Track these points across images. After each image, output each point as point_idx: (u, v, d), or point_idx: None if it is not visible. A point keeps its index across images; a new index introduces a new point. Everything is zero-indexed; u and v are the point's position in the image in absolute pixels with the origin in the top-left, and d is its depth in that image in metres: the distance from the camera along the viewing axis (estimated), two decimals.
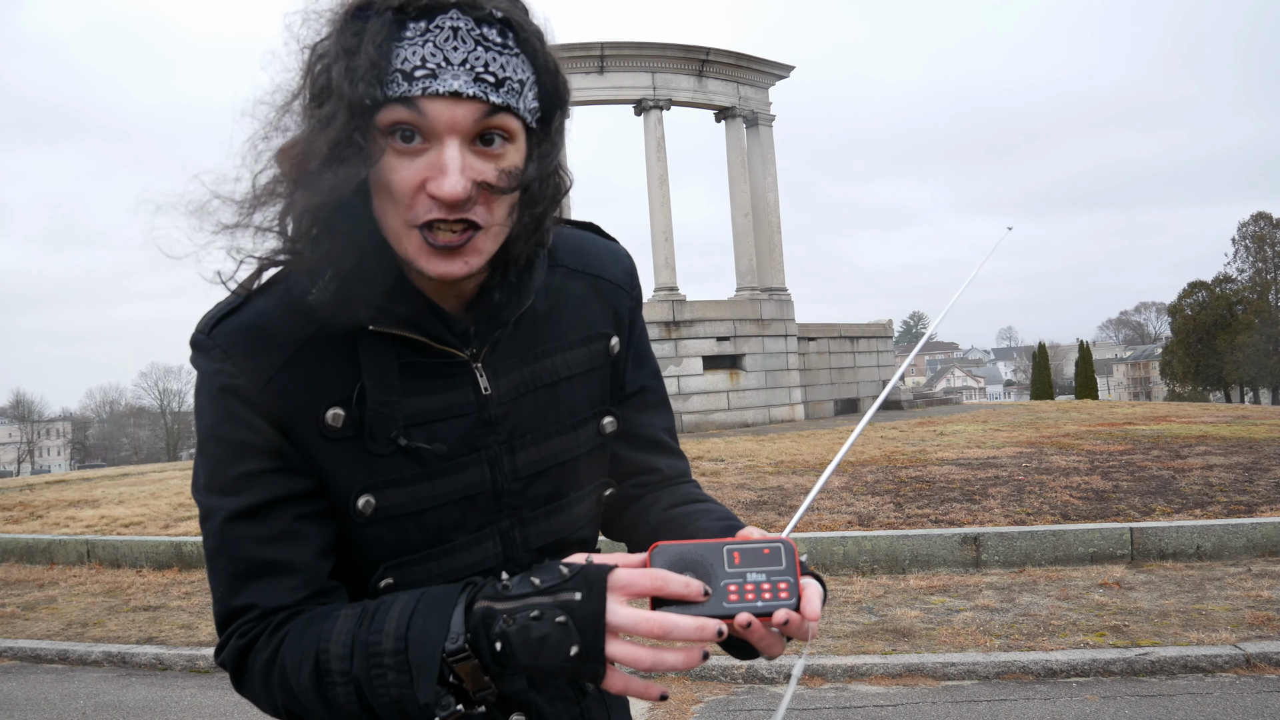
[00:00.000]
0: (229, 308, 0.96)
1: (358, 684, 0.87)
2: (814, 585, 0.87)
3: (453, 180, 0.85)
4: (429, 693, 0.84)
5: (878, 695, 4.44)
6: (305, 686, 0.89)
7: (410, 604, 0.88)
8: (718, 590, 0.83)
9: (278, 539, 0.94)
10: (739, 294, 18.51)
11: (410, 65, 0.85)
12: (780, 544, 0.86)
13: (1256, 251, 59.87)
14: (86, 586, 7.53)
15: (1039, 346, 48.07)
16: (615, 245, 1.18)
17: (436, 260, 0.89)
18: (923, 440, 11.77)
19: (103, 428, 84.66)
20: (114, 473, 16.68)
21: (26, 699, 5.05)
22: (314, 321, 0.94)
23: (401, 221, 0.88)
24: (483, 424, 1.01)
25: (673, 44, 17.60)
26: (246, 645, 0.94)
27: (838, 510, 7.58)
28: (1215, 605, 5.24)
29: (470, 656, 0.84)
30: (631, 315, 1.15)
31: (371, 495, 0.96)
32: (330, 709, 0.89)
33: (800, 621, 0.84)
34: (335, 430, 0.95)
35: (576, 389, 1.08)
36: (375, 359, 0.96)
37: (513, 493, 1.03)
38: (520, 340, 1.04)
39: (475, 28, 0.87)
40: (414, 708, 0.85)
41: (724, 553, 0.85)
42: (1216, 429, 11.63)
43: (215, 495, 0.95)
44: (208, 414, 0.95)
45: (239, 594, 0.94)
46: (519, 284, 1.00)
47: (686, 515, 1.10)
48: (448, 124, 0.86)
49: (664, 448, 1.19)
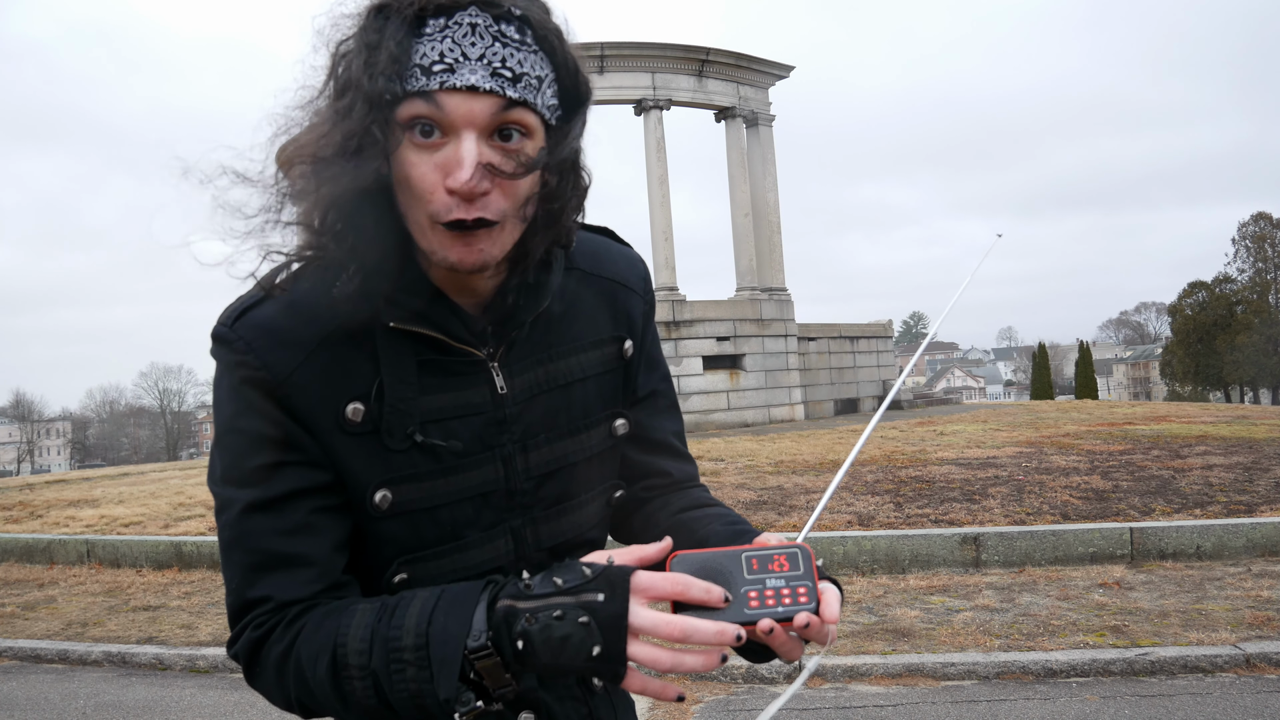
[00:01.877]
0: (252, 301, 0.97)
1: (376, 678, 0.87)
2: (832, 589, 0.89)
3: (468, 172, 0.86)
4: (450, 688, 0.84)
5: (878, 695, 4.44)
6: (321, 679, 0.90)
7: (431, 601, 0.89)
8: (738, 597, 0.85)
9: (294, 531, 0.94)
10: (739, 294, 18.51)
11: (429, 60, 0.86)
12: (797, 549, 0.88)
13: (1256, 251, 59.89)
14: (86, 586, 7.53)
15: (1039, 346, 48.08)
16: (630, 251, 1.19)
17: (456, 247, 0.90)
18: (923, 440, 11.77)
19: (103, 427, 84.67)
20: (114, 472, 16.68)
21: (26, 699, 5.05)
22: (335, 317, 0.94)
23: (424, 216, 0.90)
24: (497, 423, 1.02)
25: (673, 44, 17.61)
26: (261, 638, 0.94)
27: (838, 510, 7.59)
28: (1215, 605, 5.24)
29: (492, 654, 0.84)
30: (645, 320, 1.16)
31: (389, 490, 0.97)
32: (346, 703, 0.90)
33: (820, 625, 0.85)
34: (355, 425, 0.96)
35: (589, 391, 1.09)
36: (394, 355, 0.97)
37: (525, 491, 1.04)
38: (536, 341, 1.05)
39: (493, 24, 0.88)
40: (433, 703, 0.85)
41: (743, 560, 0.87)
42: (1216, 429, 11.64)
43: (233, 487, 0.95)
44: (228, 405, 0.96)
45: (255, 586, 0.94)
46: (536, 285, 1.01)
47: (697, 520, 1.11)
48: (465, 118, 0.87)
49: (674, 451, 1.20)
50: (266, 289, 0.96)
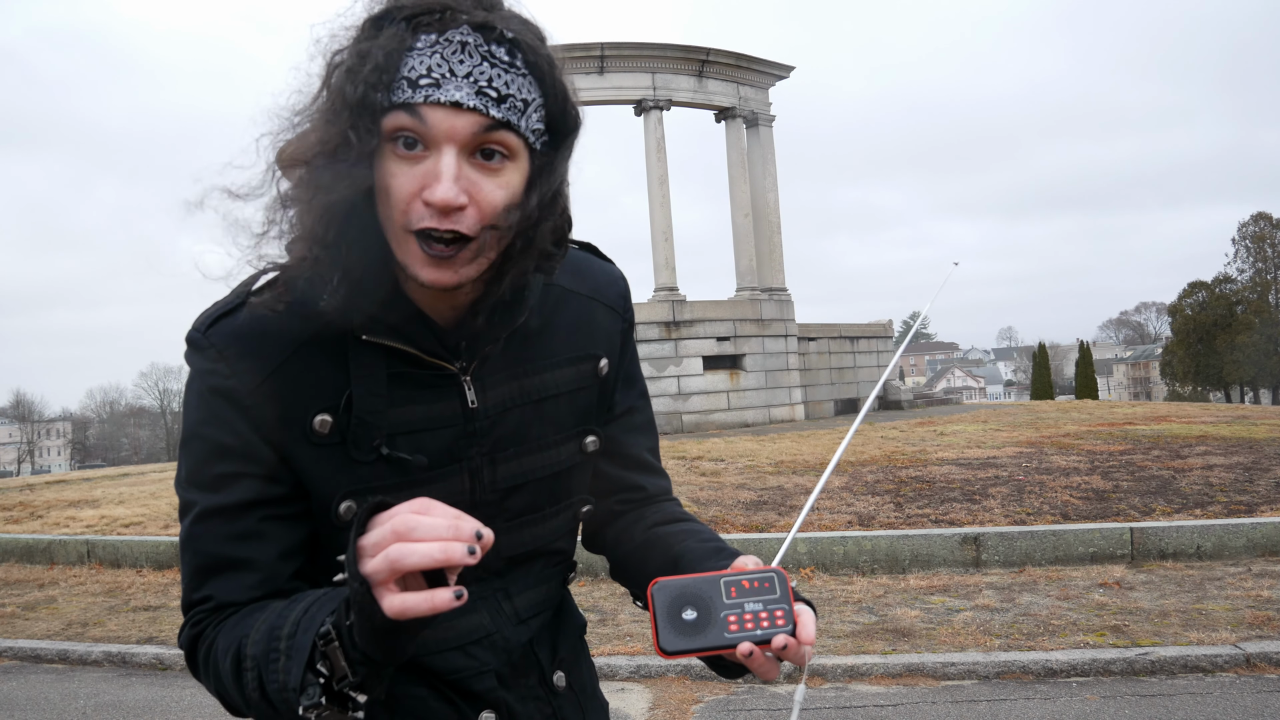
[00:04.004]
0: (226, 308, 0.98)
1: (260, 669, 0.87)
2: (807, 611, 0.91)
3: (445, 186, 0.87)
4: (297, 675, 0.83)
5: (878, 695, 4.44)
6: (228, 673, 0.91)
7: (323, 592, 0.89)
8: (718, 621, 0.88)
9: (242, 538, 0.96)
10: (739, 294, 18.51)
11: (416, 74, 0.87)
12: (773, 574, 0.91)
13: (1256, 251, 59.88)
14: (86, 586, 7.53)
15: (1039, 346, 48.05)
16: (612, 267, 1.20)
17: (430, 268, 0.91)
18: (923, 440, 11.77)
19: (103, 428, 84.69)
20: (114, 473, 16.69)
21: (27, 699, 5.05)
22: (309, 327, 0.96)
23: (399, 226, 0.90)
24: (467, 436, 1.03)
25: (673, 44, 17.60)
26: (197, 635, 0.97)
27: (838, 510, 7.59)
28: (1215, 605, 5.24)
29: (333, 639, 0.83)
30: (624, 338, 1.17)
31: (353, 501, 0.98)
32: (245, 698, 0.90)
33: (797, 646, 0.88)
34: (322, 436, 0.97)
35: (562, 406, 1.10)
36: (365, 368, 0.98)
37: (489, 504, 1.04)
38: (511, 356, 1.05)
39: (484, 44, 0.89)
40: (292, 695, 0.84)
41: (721, 585, 0.90)
42: (1216, 429, 11.63)
43: (194, 490, 0.98)
44: (195, 411, 0.98)
45: (200, 586, 0.97)
46: (513, 301, 1.01)
47: (672, 535, 1.13)
48: (446, 133, 0.88)
49: (648, 467, 1.22)
50: (243, 296, 0.98)
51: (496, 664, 1.06)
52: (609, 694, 1.43)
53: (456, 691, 1.05)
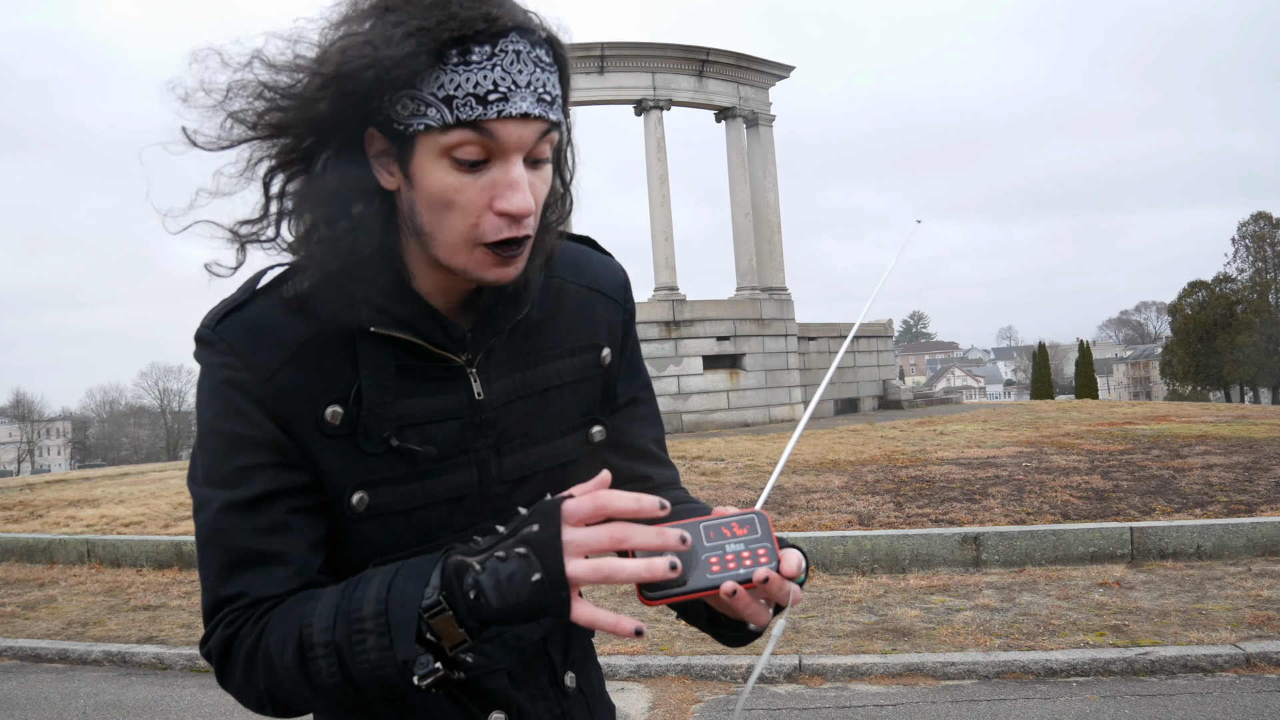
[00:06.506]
0: (234, 304, 0.98)
1: (339, 652, 0.87)
2: (793, 551, 0.91)
3: (524, 196, 0.90)
4: (409, 649, 0.84)
5: (878, 695, 4.44)
6: (289, 665, 0.90)
7: (392, 571, 0.90)
8: (700, 564, 0.87)
9: (271, 530, 0.95)
10: (739, 293, 18.51)
11: (483, 90, 0.88)
12: (754, 515, 0.90)
13: (1256, 251, 59.84)
14: (86, 586, 7.53)
15: (1039, 346, 48.07)
16: (610, 260, 1.21)
17: (498, 268, 0.94)
18: (923, 440, 11.77)
19: (103, 427, 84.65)
20: (114, 472, 16.68)
21: (27, 698, 5.05)
22: (316, 321, 0.96)
23: (464, 238, 0.92)
24: (474, 427, 1.03)
25: (673, 44, 17.59)
26: (232, 634, 0.94)
27: (838, 510, 7.59)
28: (1215, 605, 5.24)
29: (445, 609, 0.85)
30: (625, 328, 1.18)
31: (365, 492, 0.98)
32: (314, 687, 0.89)
33: (780, 581, 0.87)
34: (333, 427, 0.97)
35: (566, 397, 1.10)
36: (373, 360, 0.98)
37: (499, 495, 1.05)
38: (514, 347, 1.06)
39: (531, 50, 0.90)
40: (393, 671, 0.85)
41: (701, 529, 0.89)
42: (1216, 428, 11.63)
43: (212, 487, 0.96)
44: (209, 407, 0.97)
45: (229, 583, 0.95)
46: (516, 293, 1.03)
47: (675, 514, 1.12)
48: (516, 144, 0.90)
49: (654, 458, 1.22)
50: (249, 292, 0.98)
51: (508, 662, 1.06)
52: (609, 693, 1.43)
53: (467, 691, 1.04)
